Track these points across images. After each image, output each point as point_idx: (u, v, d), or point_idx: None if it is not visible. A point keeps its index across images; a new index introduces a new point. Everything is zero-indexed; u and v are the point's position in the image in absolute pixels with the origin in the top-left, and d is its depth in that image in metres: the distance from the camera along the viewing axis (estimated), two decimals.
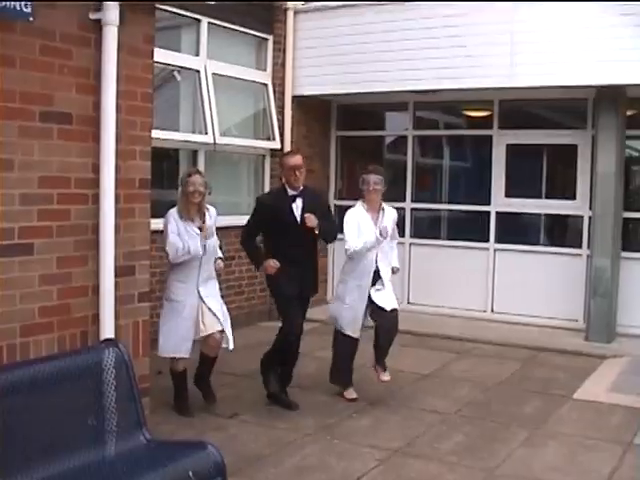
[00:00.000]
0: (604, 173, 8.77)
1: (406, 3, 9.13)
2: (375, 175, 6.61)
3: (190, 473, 3.85)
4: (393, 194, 8.89)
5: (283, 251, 6.25)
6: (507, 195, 9.95)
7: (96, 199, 4.52)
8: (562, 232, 9.98)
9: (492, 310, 9.90)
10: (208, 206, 6.22)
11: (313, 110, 10.35)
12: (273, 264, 6.21)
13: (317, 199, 6.61)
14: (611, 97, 8.69)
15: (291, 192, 6.33)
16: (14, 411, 3.62)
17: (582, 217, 9.48)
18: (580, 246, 9.46)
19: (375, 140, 11.25)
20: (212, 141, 8.78)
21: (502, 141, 9.93)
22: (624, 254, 9.17)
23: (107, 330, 4.56)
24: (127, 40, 4.59)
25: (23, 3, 3.96)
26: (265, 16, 9.64)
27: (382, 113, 11.37)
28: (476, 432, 5.87)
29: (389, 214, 6.72)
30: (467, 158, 10.88)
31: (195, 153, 8.82)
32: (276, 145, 9.72)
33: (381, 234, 6.42)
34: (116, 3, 4.39)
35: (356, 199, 6.75)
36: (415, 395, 6.83)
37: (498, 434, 5.84)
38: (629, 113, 9.10)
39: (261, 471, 5.00)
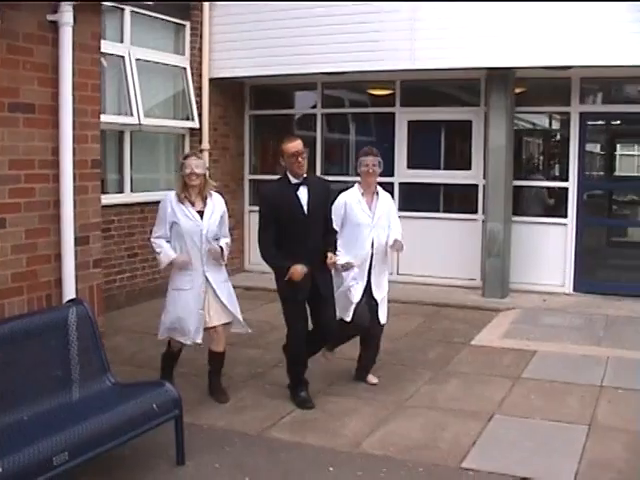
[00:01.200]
0: (495, 146, 9.77)
1: None
2: (373, 157, 6.21)
3: (154, 405, 4.59)
4: None
5: (289, 247, 5.67)
6: (409, 167, 10.86)
7: (56, 178, 5.19)
8: (459, 200, 10.92)
9: (397, 272, 10.72)
10: (212, 192, 5.96)
11: (228, 91, 11.01)
12: (301, 270, 5.55)
13: (323, 188, 5.99)
14: (501, 77, 9.68)
15: (294, 180, 5.75)
16: None
17: (477, 186, 10.47)
18: (476, 212, 10.44)
19: (286, 118, 11.95)
20: (137, 122, 9.33)
21: (404, 118, 10.83)
22: (515, 218, 10.19)
23: (69, 292, 5.27)
24: (78, 38, 5.24)
25: None
26: (183, 4, 10.19)
27: (292, 92, 12.06)
28: (388, 375, 6.73)
29: (384, 200, 6.34)
30: (372, 133, 11.69)
31: (121, 134, 9.35)
32: (195, 125, 10.34)
33: (344, 268, 6.07)
34: (70, 5, 5.01)
35: (268, 173, 7.24)
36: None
37: (407, 375, 6.74)
38: (518, 91, 10.12)
39: (205, 411, 5.75)
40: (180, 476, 4.65)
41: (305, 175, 5.77)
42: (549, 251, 10.15)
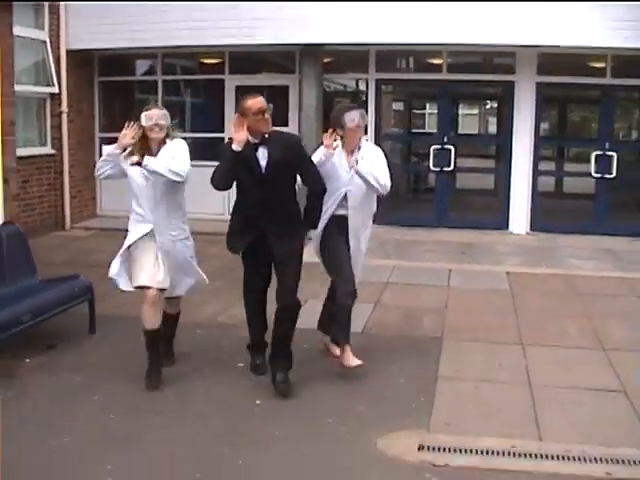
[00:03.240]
0: (307, 106, 12.09)
1: None
2: (357, 110, 5.83)
3: (76, 289, 6.59)
4: None
5: (248, 211, 5.47)
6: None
7: None
8: None
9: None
10: (174, 139, 5.68)
11: (81, 61, 12.63)
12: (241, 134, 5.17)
13: (290, 145, 5.45)
14: (312, 51, 11.97)
15: (253, 140, 5.26)
16: None
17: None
18: None
19: (130, 84, 13.79)
20: None
21: (232, 83, 12.94)
22: None
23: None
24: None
25: None
26: None
27: (135, 61, 13.89)
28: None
29: (366, 152, 5.85)
30: (205, 97, 13.73)
31: None
32: (55, 90, 11.93)
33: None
34: None
35: (115, 131, 8.15)
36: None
37: None
38: (326, 60, 12.45)
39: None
40: (92, 339, 6.66)
41: (267, 134, 5.31)
42: None
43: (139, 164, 5.37)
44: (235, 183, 5.46)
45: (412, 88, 13.46)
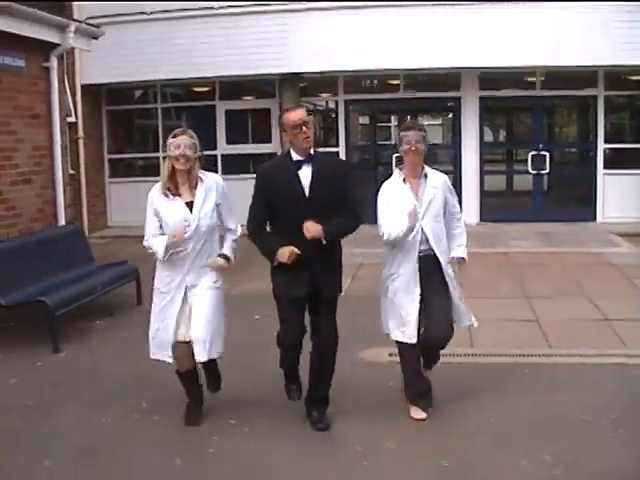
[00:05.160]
0: None
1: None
2: (415, 131, 5.15)
3: (126, 271, 8.67)
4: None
5: (286, 235, 4.86)
6: (227, 142, 15.19)
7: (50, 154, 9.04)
8: None
9: None
10: (205, 174, 5.16)
11: (92, 93, 14.73)
12: (291, 251, 4.77)
13: (335, 167, 5.11)
14: (290, 79, 14.19)
15: (297, 157, 4.91)
16: (12, 262, 7.62)
17: (276, 154, 14.92)
18: None
19: (132, 111, 15.98)
20: None
21: (222, 107, 15.13)
22: None
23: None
24: None
25: None
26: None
27: (135, 93, 16.06)
28: None
29: (433, 180, 5.24)
30: (201, 120, 15.84)
31: None
32: (73, 119, 13.97)
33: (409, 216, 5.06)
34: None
35: (119, 153, 9.51)
36: None
37: None
38: (302, 85, 14.65)
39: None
40: (139, 308, 8.66)
41: (312, 151, 4.94)
42: None
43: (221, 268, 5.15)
44: (274, 208, 4.97)
45: (375, 106, 15.70)
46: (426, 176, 5.24)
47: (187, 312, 5.07)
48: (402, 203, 5.14)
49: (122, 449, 4.93)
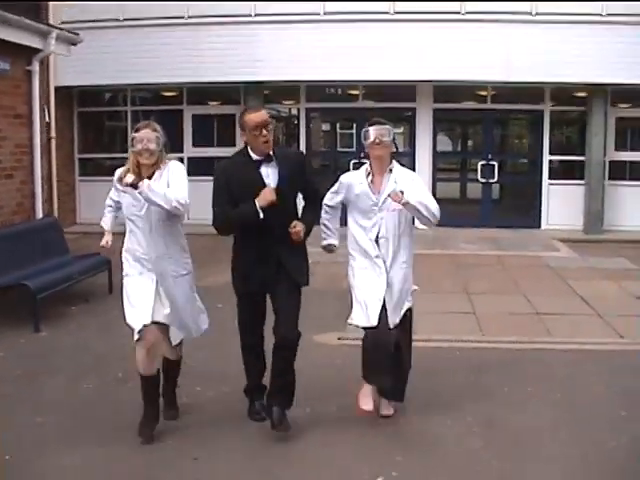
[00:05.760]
0: None
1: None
2: (379, 125, 5.05)
3: (98, 262, 9.35)
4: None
5: (252, 237, 4.94)
6: (194, 145, 15.91)
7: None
8: None
9: None
10: (169, 162, 5.02)
11: (65, 95, 15.35)
12: (269, 192, 4.79)
13: (294, 163, 5.06)
14: (254, 87, 14.97)
15: (256, 157, 4.90)
16: (3, 248, 8.39)
17: None
18: None
19: (103, 114, 16.66)
20: None
21: (189, 112, 15.87)
22: None
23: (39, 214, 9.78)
24: None
25: None
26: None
27: (105, 95, 16.73)
28: None
29: (398, 175, 5.11)
30: (168, 123, 16.45)
31: None
32: (47, 120, 14.60)
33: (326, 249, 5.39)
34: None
35: (88, 152, 10.42)
36: None
37: None
38: (266, 92, 15.42)
39: None
40: (111, 296, 9.33)
41: (271, 152, 4.90)
42: None
43: (134, 186, 4.69)
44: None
45: (336, 114, 16.56)
46: (391, 171, 5.13)
47: (163, 297, 5.00)
48: (360, 196, 5.13)
49: (101, 409, 5.65)
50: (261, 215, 4.81)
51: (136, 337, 4.87)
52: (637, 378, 6.40)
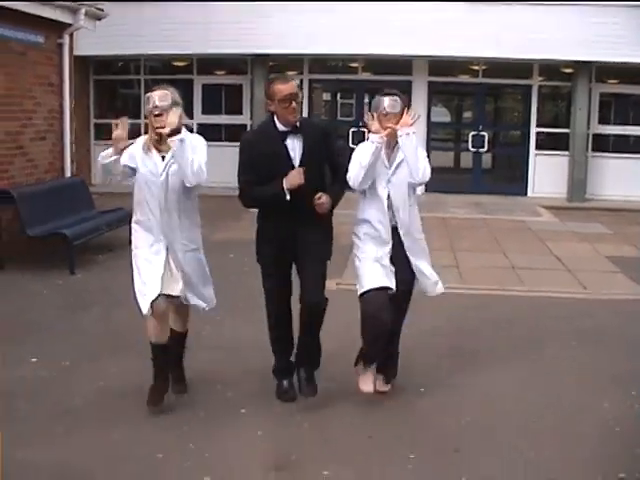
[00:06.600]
0: (258, 100, 16.01)
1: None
2: (390, 96, 4.98)
3: (122, 215, 10.42)
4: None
5: (276, 211, 4.88)
6: (203, 113, 16.92)
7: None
8: (236, 134, 16.90)
9: None
10: (186, 133, 4.84)
11: (81, 64, 16.27)
12: (297, 172, 4.75)
13: (320, 133, 5.01)
14: (261, 59, 15.97)
15: (282, 128, 4.84)
16: (35, 203, 9.65)
17: (246, 125, 16.71)
18: None
19: (117, 81, 17.71)
20: None
21: (199, 82, 16.87)
22: None
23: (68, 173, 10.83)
24: None
25: None
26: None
27: (118, 64, 17.73)
28: None
29: (405, 145, 4.93)
30: (179, 92, 17.42)
31: None
32: None
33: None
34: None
35: (103, 118, 11.76)
36: None
37: None
38: (271, 64, 16.39)
39: None
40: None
41: (298, 122, 4.87)
42: None
43: (169, 136, 4.66)
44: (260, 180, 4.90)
45: (337, 85, 17.62)
46: (397, 142, 4.99)
47: (173, 269, 4.94)
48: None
49: (130, 335, 6.46)
50: (288, 197, 4.79)
51: (145, 312, 4.86)
52: (590, 320, 7.49)
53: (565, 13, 14.92)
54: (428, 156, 5.17)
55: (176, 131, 4.71)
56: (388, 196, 5.05)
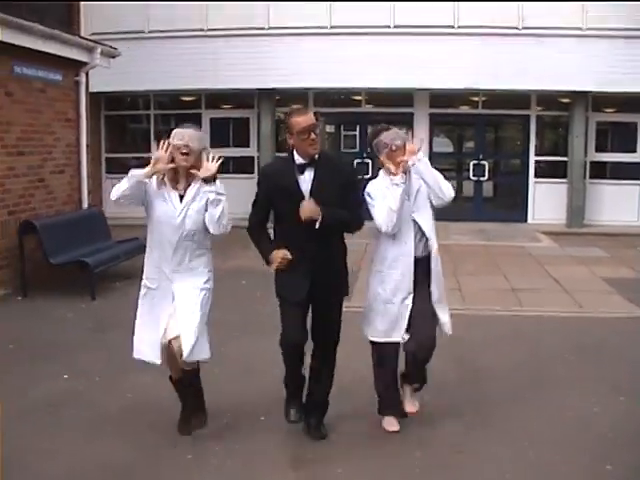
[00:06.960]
0: (264, 133, 16.58)
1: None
2: (387, 132, 5.05)
3: (137, 245, 10.88)
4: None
5: (289, 239, 4.80)
6: (211, 146, 17.21)
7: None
8: (244, 166, 17.56)
9: None
10: (218, 185, 4.72)
11: (93, 100, 16.84)
12: (283, 255, 4.72)
13: (336, 170, 4.93)
14: (267, 93, 16.52)
15: (300, 160, 4.80)
16: (56, 233, 10.17)
17: (253, 157, 17.24)
18: (252, 173, 17.03)
19: (127, 116, 18.25)
20: None
21: (207, 115, 17.42)
22: None
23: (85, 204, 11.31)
24: None
25: None
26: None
27: (130, 100, 18.30)
28: None
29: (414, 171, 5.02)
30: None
31: None
32: None
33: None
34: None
35: (114, 152, 12.48)
36: None
37: None
38: (277, 98, 16.94)
39: None
40: None
41: (317, 155, 4.80)
42: None
43: (207, 181, 4.64)
44: (274, 212, 4.95)
45: (340, 117, 18.15)
46: (408, 173, 4.98)
47: (177, 310, 4.85)
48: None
49: None
50: (272, 268, 4.85)
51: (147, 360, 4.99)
52: (586, 336, 7.91)
53: (561, 46, 15.47)
54: None
55: (212, 178, 4.68)
56: (415, 222, 5.10)
